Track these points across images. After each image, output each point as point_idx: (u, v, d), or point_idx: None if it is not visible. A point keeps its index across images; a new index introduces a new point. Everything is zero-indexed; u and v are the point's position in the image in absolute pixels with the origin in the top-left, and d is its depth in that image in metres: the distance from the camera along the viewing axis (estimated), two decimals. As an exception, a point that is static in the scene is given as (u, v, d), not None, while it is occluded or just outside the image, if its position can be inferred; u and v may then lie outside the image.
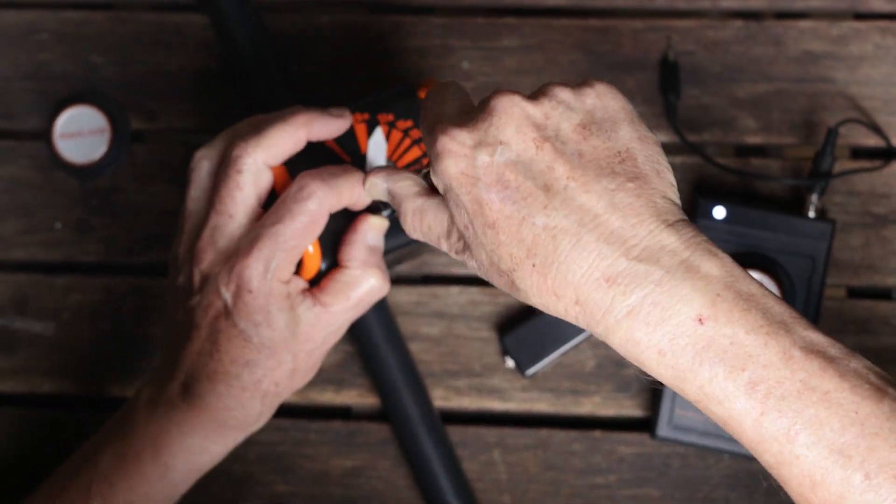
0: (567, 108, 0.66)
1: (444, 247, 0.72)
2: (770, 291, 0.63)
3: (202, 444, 0.79)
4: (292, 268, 0.78)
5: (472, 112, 0.68)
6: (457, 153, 0.66)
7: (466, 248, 0.69)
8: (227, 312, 0.76)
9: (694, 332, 0.61)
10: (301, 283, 0.79)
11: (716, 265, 0.62)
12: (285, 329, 0.77)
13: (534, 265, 0.65)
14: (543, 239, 0.64)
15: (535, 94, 0.67)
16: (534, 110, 0.66)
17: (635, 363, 0.64)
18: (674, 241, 0.63)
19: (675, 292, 0.62)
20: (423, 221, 0.72)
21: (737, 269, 0.63)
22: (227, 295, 0.76)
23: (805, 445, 0.60)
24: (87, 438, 0.81)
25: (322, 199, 0.77)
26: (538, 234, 0.65)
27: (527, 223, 0.65)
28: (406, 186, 0.73)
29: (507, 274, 0.66)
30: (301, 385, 0.80)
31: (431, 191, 0.72)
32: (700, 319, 0.61)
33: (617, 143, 0.66)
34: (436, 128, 0.68)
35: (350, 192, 0.78)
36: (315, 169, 0.78)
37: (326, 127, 0.80)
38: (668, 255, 0.62)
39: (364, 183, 0.77)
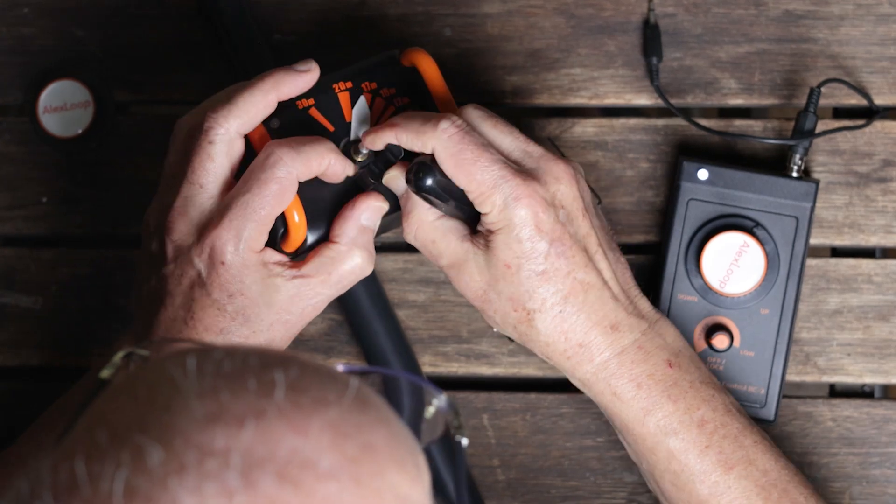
0: (580, 188, 0.81)
1: (442, 263, 0.80)
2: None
3: None
4: (264, 237, 0.78)
5: (533, 168, 0.79)
6: (537, 205, 0.78)
7: (461, 273, 0.80)
8: (201, 282, 0.76)
9: (665, 372, 0.81)
10: (276, 255, 0.79)
11: (673, 329, 0.84)
12: (259, 298, 0.77)
13: (560, 311, 0.79)
14: (576, 290, 0.79)
15: (556, 176, 0.80)
16: (579, 186, 0.80)
17: (608, 395, 0.81)
18: (647, 307, 0.83)
19: (654, 341, 0.82)
20: (428, 235, 0.80)
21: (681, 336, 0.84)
22: (201, 265, 0.76)
23: (736, 478, 0.80)
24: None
25: (289, 165, 0.77)
26: (575, 287, 0.79)
27: (570, 277, 0.79)
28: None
29: (529, 311, 0.79)
30: None
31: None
32: (669, 364, 0.81)
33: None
34: (517, 173, 0.78)
35: (318, 159, 0.78)
36: (283, 139, 0.79)
37: (295, 84, 0.80)
38: (647, 315, 0.83)
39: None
